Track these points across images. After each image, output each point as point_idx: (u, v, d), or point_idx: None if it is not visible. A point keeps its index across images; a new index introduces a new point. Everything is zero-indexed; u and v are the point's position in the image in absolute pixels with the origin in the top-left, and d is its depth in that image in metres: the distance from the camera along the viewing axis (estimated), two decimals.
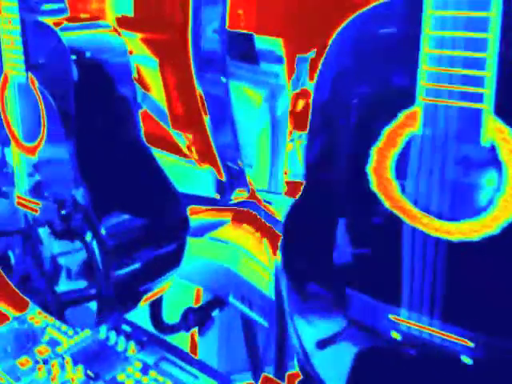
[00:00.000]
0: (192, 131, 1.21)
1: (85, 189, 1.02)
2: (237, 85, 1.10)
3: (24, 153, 1.08)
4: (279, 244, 0.83)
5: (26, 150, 1.08)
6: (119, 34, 1.05)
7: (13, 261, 1.23)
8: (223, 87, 1.11)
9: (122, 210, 1.07)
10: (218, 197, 1.24)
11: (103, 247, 1.04)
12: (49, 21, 0.99)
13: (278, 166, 1.11)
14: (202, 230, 1.26)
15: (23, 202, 1.12)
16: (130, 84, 1.05)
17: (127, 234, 1.08)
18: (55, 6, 1.04)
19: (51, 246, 1.12)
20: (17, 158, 1.11)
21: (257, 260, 1.18)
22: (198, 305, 1.33)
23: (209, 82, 1.14)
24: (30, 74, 1.02)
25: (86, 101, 1.00)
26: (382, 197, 0.69)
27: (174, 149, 1.26)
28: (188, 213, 1.17)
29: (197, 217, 1.25)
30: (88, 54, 0.99)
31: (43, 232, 1.13)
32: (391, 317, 0.71)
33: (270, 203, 1.17)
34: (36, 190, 1.10)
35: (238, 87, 1.11)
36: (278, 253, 0.82)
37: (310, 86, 0.97)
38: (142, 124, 1.10)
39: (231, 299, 1.24)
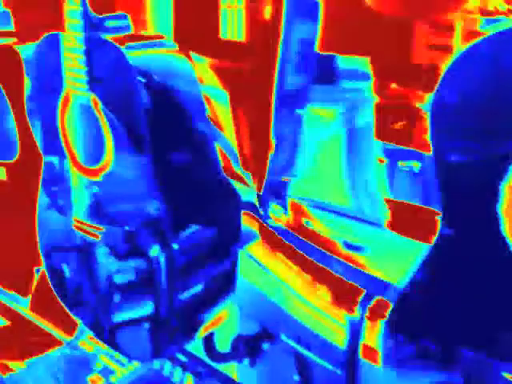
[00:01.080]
0: (258, 174, 1.14)
1: (160, 201, 0.99)
2: (311, 107, 1.04)
3: (86, 175, 1.04)
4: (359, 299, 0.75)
5: (88, 173, 1.04)
6: (189, 57, 1.01)
7: (67, 275, 1.18)
8: (299, 120, 1.04)
9: (194, 222, 1.03)
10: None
11: (172, 264, 1.00)
12: (112, 39, 0.95)
13: (361, 182, 1.04)
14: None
15: (82, 226, 1.08)
16: (204, 119, 1.01)
17: (196, 249, 1.03)
18: (119, 23, 1.00)
19: (108, 264, 1.08)
20: (75, 179, 1.07)
21: (313, 306, 1.10)
22: (248, 334, 1.27)
23: (287, 118, 1.06)
24: (93, 95, 0.98)
25: (162, 128, 0.96)
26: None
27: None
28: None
29: None
30: (156, 78, 0.95)
31: (100, 250, 1.09)
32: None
33: (356, 248, 1.04)
34: (96, 212, 1.06)
35: (311, 108, 1.04)
36: (357, 309, 0.76)
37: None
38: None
39: (283, 337, 1.17)
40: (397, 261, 0.92)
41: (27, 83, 1.17)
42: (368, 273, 1.07)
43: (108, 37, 0.96)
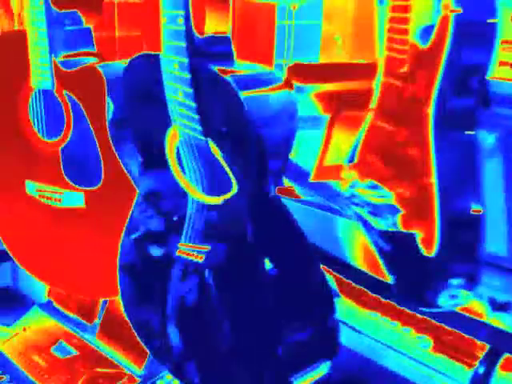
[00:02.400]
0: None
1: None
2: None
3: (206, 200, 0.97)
4: None
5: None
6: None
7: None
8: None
9: None
10: None
11: None
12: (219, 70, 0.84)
13: None
14: None
15: (187, 249, 0.99)
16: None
17: None
18: (221, 49, 0.90)
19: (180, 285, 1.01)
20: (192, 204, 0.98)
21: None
22: None
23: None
24: (211, 142, 0.87)
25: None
26: None
27: None
28: None
29: None
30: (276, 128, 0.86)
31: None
32: None
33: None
34: (206, 236, 0.98)
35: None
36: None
37: None
38: None
39: None
40: None
41: (110, 106, 1.08)
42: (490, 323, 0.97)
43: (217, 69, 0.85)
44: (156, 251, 1.04)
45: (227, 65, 0.88)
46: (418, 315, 1.06)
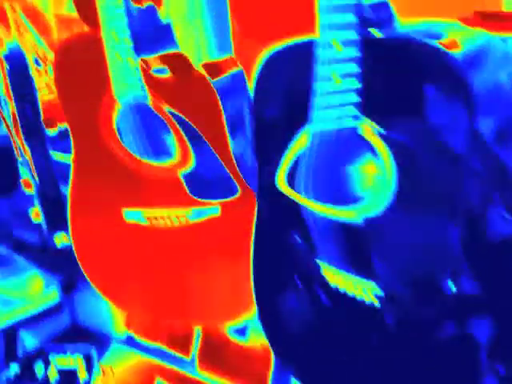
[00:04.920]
0: None
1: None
2: None
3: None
4: None
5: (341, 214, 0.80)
6: None
7: None
8: None
9: None
10: None
11: None
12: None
13: None
14: None
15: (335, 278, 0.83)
16: None
17: None
18: (384, 15, 0.74)
19: None
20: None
21: None
22: None
23: None
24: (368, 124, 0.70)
25: None
26: None
27: None
28: None
29: None
30: None
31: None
32: None
33: None
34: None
35: None
36: None
37: None
38: None
39: None
40: None
41: (224, 116, 0.93)
42: None
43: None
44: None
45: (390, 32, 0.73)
46: None
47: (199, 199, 1.02)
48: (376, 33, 0.71)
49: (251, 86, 0.83)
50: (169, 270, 1.10)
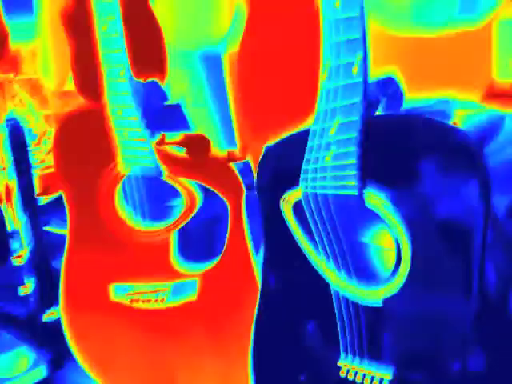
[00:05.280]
0: None
1: None
2: None
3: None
4: None
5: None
6: None
7: None
8: None
9: None
10: None
11: None
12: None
13: None
14: None
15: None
16: None
17: None
18: (392, 90, 0.75)
19: None
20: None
21: None
22: None
23: None
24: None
25: None
26: None
27: None
28: None
29: None
30: None
31: None
32: None
33: None
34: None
35: None
36: None
37: None
38: None
39: None
40: None
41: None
42: None
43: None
44: None
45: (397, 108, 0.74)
46: None
47: (183, 263, 1.00)
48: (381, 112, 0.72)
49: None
50: (155, 352, 1.06)
